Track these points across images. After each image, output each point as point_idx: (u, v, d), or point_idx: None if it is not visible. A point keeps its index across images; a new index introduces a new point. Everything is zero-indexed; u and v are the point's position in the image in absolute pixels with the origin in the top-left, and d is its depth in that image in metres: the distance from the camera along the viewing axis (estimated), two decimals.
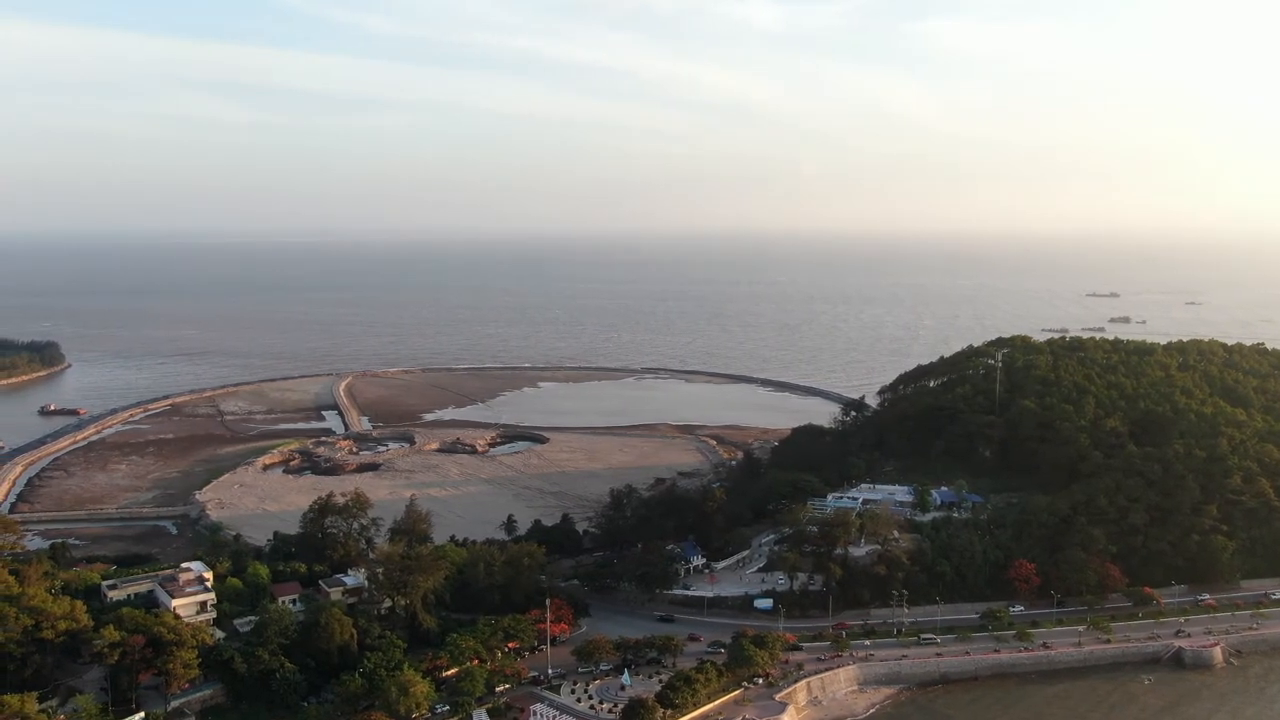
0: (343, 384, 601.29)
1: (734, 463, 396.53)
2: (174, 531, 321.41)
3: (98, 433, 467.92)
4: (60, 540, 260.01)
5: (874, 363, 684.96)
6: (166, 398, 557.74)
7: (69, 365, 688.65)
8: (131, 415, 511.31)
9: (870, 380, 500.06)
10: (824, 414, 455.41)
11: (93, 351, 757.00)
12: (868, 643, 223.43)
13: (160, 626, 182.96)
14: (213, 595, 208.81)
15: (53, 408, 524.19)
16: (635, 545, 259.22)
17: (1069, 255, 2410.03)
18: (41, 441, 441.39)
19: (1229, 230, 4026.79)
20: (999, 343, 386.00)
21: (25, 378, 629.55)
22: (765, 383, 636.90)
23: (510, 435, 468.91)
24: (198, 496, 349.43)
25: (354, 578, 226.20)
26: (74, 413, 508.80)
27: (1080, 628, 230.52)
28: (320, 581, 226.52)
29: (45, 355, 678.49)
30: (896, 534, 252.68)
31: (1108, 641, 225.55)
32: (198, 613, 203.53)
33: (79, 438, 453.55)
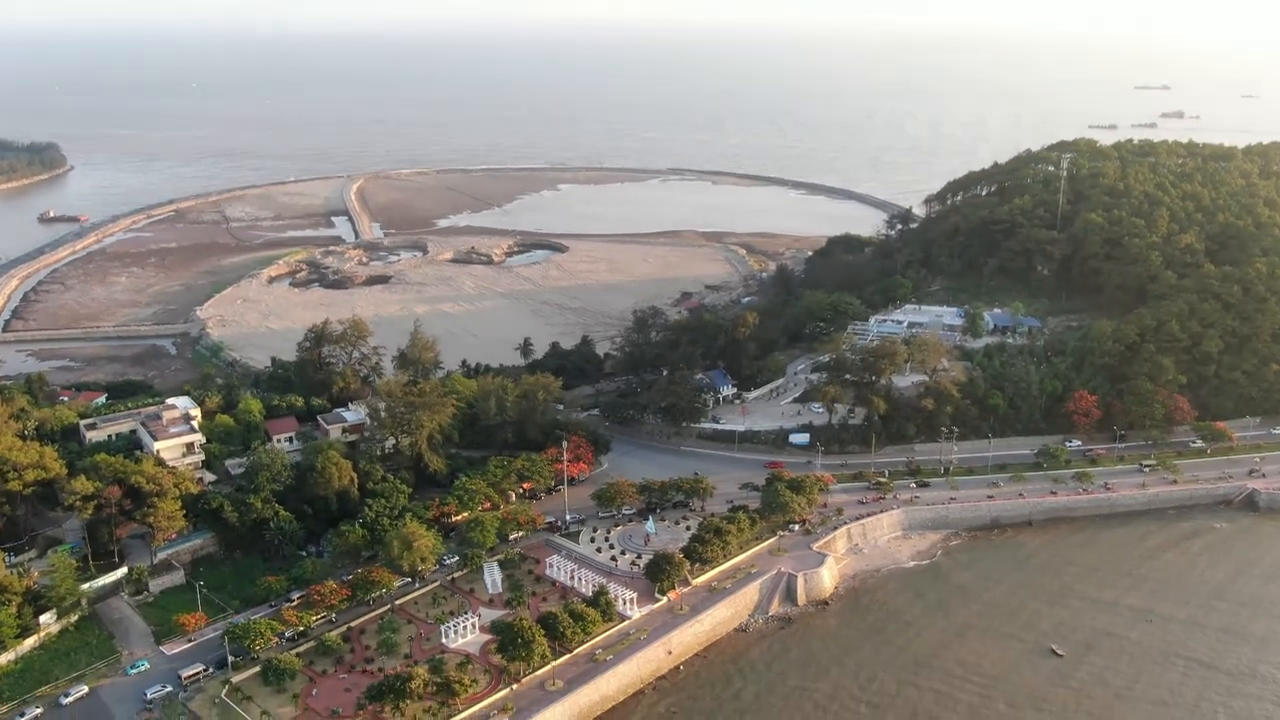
0: (354, 187, 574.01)
1: (764, 275, 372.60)
2: (173, 351, 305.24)
3: (98, 241, 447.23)
4: (37, 373, 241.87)
5: (940, 165, 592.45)
6: (171, 203, 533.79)
7: (71, 168, 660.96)
8: (134, 222, 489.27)
9: (923, 185, 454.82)
10: (862, 221, 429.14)
11: (98, 154, 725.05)
12: (913, 484, 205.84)
13: (139, 475, 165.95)
14: (200, 436, 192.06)
15: (52, 214, 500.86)
16: (660, 372, 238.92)
17: (1115, 44, 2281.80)
18: (39, 252, 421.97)
19: None
20: (1061, 146, 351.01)
21: (25, 181, 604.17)
22: (797, 185, 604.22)
23: (528, 244, 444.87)
24: (198, 313, 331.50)
25: (355, 413, 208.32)
26: (74, 219, 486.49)
27: (1146, 463, 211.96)
28: (319, 417, 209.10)
29: (45, 157, 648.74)
30: (945, 363, 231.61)
31: (1174, 482, 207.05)
32: (184, 455, 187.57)
33: (78, 247, 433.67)
